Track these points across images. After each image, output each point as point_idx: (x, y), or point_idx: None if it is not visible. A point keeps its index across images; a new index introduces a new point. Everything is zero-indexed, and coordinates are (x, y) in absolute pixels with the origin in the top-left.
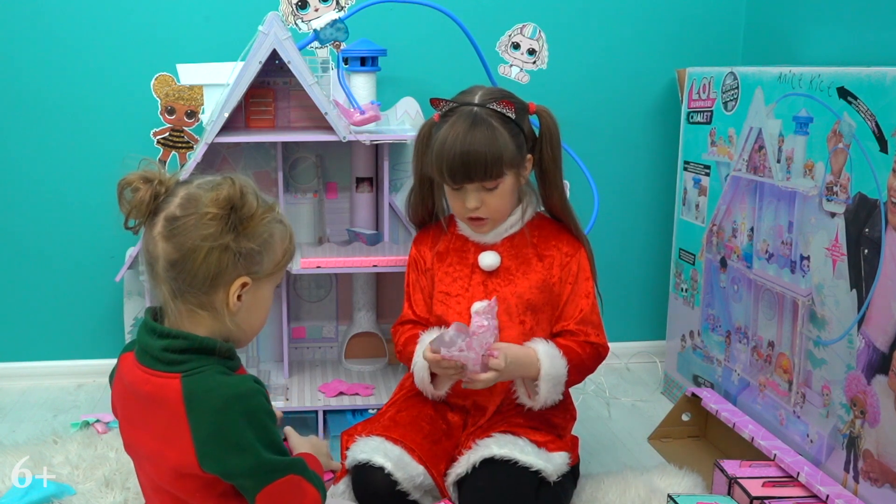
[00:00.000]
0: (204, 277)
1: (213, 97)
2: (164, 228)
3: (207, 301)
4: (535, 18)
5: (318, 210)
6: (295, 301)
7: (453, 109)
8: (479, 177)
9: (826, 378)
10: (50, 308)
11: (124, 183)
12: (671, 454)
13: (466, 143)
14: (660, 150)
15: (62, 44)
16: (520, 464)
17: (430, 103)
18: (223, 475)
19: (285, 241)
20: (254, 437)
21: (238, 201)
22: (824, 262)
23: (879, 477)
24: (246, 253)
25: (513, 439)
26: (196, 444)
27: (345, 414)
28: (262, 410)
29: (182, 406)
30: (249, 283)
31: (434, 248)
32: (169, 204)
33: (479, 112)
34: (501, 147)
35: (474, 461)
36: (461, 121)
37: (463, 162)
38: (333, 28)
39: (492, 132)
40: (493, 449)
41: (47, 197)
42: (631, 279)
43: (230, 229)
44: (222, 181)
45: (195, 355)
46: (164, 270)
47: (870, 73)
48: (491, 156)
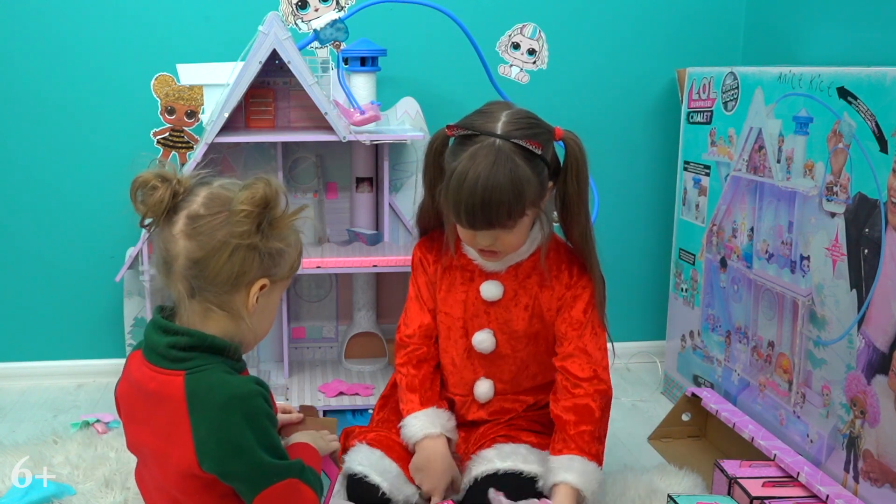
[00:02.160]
0: (227, 276)
1: (213, 97)
2: (185, 226)
3: (227, 301)
4: (535, 18)
5: (318, 210)
6: (295, 301)
7: (471, 137)
8: (500, 223)
9: (826, 378)
10: (50, 308)
11: (140, 181)
12: (671, 454)
13: (489, 186)
14: (660, 150)
15: (62, 44)
16: (524, 475)
17: (447, 131)
18: (221, 476)
19: (299, 244)
20: (253, 438)
21: (273, 201)
22: (824, 262)
23: (879, 477)
24: (270, 254)
25: (514, 448)
26: (196, 442)
27: (345, 414)
28: (262, 413)
29: (184, 404)
30: (267, 286)
31: (439, 260)
32: (191, 203)
33: (502, 147)
34: (525, 188)
35: (476, 475)
36: (482, 156)
37: (483, 208)
38: (333, 28)
39: (516, 172)
40: (495, 463)
41: (47, 197)
42: (631, 279)
43: (260, 229)
44: (256, 181)
45: (200, 353)
46: (183, 268)
47: (870, 73)
48: (514, 200)
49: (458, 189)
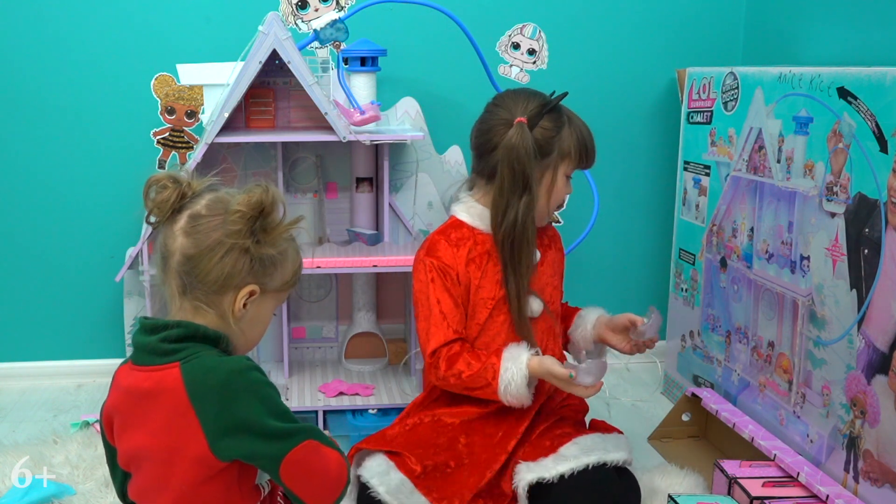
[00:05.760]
0: (217, 276)
1: (213, 97)
2: (186, 224)
3: (215, 301)
4: (535, 18)
5: (318, 210)
6: (295, 301)
7: (547, 108)
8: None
9: (826, 378)
10: (50, 308)
11: (153, 180)
12: (671, 454)
13: (588, 128)
14: (660, 150)
15: (62, 44)
16: (608, 464)
17: (524, 121)
18: (242, 456)
19: (297, 261)
20: (261, 407)
21: (268, 207)
22: (824, 262)
23: (879, 477)
24: (261, 260)
25: (582, 442)
26: (206, 429)
27: (345, 414)
28: (263, 382)
29: (184, 392)
30: (257, 293)
31: (461, 253)
32: (195, 204)
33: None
34: None
35: (562, 472)
36: (568, 111)
37: (594, 144)
38: (333, 28)
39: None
40: (581, 459)
41: (47, 197)
42: (631, 279)
43: (253, 232)
44: (255, 186)
45: (192, 343)
46: (177, 265)
47: (870, 73)
48: None
49: (581, 138)
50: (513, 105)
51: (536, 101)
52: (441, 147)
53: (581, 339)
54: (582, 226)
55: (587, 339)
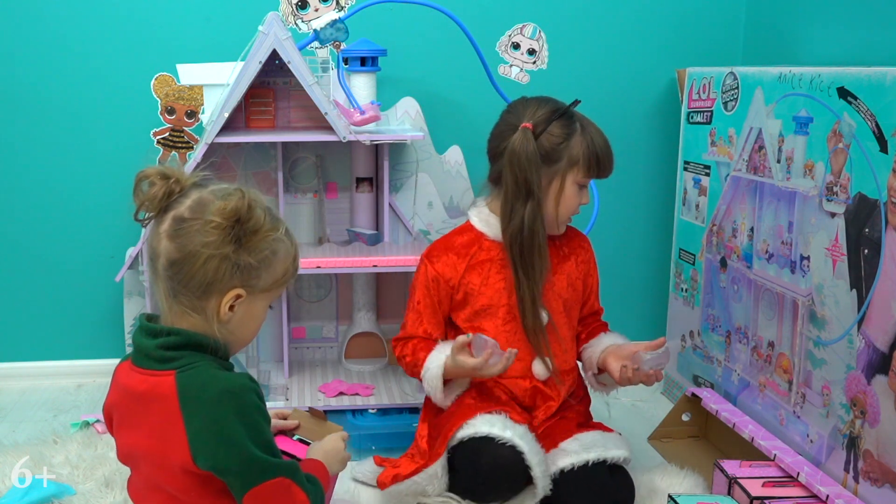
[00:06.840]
0: (200, 282)
1: (213, 97)
2: (170, 227)
3: (199, 305)
4: (535, 18)
5: (318, 210)
6: (295, 301)
7: (556, 116)
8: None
9: (826, 378)
10: (50, 308)
11: (142, 175)
12: (671, 454)
13: (605, 137)
14: (660, 150)
15: (62, 44)
16: (608, 461)
17: (529, 127)
18: (215, 471)
19: (288, 259)
20: (244, 433)
21: (244, 214)
22: (824, 262)
23: (879, 477)
24: (244, 266)
25: (583, 438)
26: (189, 438)
27: (345, 414)
28: (254, 408)
29: (176, 401)
30: (244, 296)
31: (463, 262)
32: (180, 204)
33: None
34: None
35: (562, 467)
36: (584, 119)
37: (609, 154)
38: (333, 28)
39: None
40: (582, 455)
41: (47, 197)
42: (631, 279)
43: (232, 240)
44: (234, 192)
45: (189, 352)
46: (163, 269)
47: (870, 73)
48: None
49: (591, 146)
50: (522, 111)
51: (547, 107)
52: (441, 147)
53: (587, 361)
54: (582, 226)
55: (593, 362)
